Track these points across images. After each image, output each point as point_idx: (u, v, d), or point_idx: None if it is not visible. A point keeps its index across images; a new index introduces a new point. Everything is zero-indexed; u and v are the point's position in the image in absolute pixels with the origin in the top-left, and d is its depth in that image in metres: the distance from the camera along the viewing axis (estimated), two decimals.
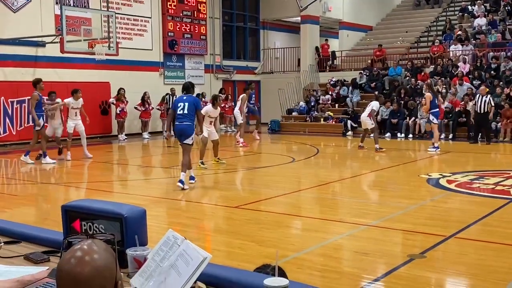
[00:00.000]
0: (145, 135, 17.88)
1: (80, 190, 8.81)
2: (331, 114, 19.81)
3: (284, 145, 16.08)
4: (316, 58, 23.45)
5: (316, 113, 20.23)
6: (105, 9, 16.35)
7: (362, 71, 21.06)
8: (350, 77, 21.21)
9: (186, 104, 8.29)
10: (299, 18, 23.23)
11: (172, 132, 10.29)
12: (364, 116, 13.22)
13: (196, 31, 20.81)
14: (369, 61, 22.22)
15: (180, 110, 8.29)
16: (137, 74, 18.53)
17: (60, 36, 13.83)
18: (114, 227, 2.12)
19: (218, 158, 11.28)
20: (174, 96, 18.49)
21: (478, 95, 15.29)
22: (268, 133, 20.17)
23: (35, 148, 11.77)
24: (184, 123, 8.28)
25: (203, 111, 10.45)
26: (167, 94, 18.65)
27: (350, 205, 7.49)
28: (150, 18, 19.17)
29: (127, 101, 17.40)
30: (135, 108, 17.90)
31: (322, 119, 19.70)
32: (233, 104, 21.23)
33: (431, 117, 12.95)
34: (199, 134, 9.14)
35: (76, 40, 14.58)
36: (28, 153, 11.36)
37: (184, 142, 8.36)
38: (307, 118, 20.04)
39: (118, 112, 17.37)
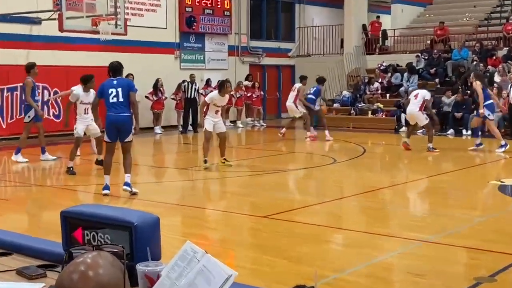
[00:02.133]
0: (157, 129, 18.06)
1: (83, 194, 8.95)
2: (381, 106, 19.64)
3: (323, 143, 16.00)
4: (363, 38, 23.28)
5: (363, 104, 20.09)
6: None
7: (419, 54, 20.82)
8: (404, 61, 20.98)
9: (120, 89, 7.87)
10: None
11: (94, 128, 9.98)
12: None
13: (219, 6, 20.91)
14: (428, 42, 21.95)
15: (113, 98, 7.80)
16: (149, 57, 18.71)
17: (58, 12, 13.98)
18: (122, 238, 2.14)
19: (225, 159, 10.95)
20: (194, 84, 18.63)
21: None
22: (304, 129, 20.10)
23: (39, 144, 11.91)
24: (123, 114, 7.83)
25: (207, 99, 10.52)
26: (183, 81, 18.78)
27: (403, 216, 7.42)
28: None
29: (136, 90, 17.54)
30: (146, 97, 18.05)
31: (369, 112, 19.55)
32: (261, 93, 21.28)
33: (486, 112, 12.77)
34: (137, 132, 8.33)
35: (77, 17, 14.73)
36: (19, 150, 11.53)
37: (125, 141, 7.97)
38: (352, 111, 19.93)
39: None
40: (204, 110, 10.73)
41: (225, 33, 21.45)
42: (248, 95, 20.62)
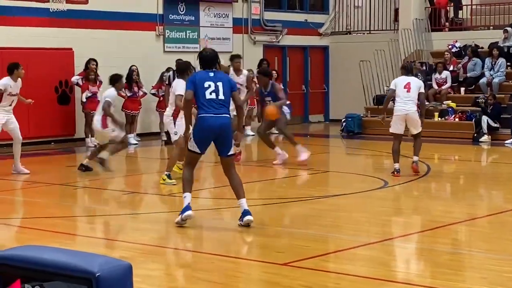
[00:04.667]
0: (132, 138, 18.13)
1: (20, 231, 8.97)
2: (453, 105, 19.58)
3: (369, 158, 16.00)
4: (427, 8, 23.26)
5: (427, 103, 20.06)
6: None
7: (508, 29, 20.76)
8: (486, 40, 20.95)
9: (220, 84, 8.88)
10: None
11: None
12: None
13: None
14: None
15: (211, 94, 8.83)
16: (120, 35, 18.82)
17: None
18: None
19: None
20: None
21: None
22: (342, 137, 20.12)
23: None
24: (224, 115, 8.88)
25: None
26: (168, 70, 18.85)
27: (486, 264, 7.37)
28: None
29: (101, 81, 17.65)
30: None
31: (436, 114, 19.50)
32: (281, 86, 21.28)
33: None
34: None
35: None
36: None
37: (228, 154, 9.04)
38: None
39: (86, 99, 17.65)
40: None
41: (229, 1, 21.54)
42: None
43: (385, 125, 13.42)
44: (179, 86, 11.30)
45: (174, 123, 11.90)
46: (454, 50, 21.26)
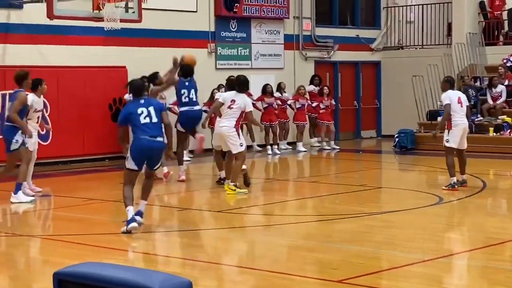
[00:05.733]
0: (184, 155, 18.22)
1: (77, 247, 9.09)
2: (508, 119, 19.36)
3: (423, 174, 15.86)
4: (480, 22, 23.06)
5: (481, 118, 19.83)
6: None
7: None
8: None
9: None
10: None
11: None
12: None
13: None
14: None
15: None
16: (172, 53, 18.93)
17: None
18: None
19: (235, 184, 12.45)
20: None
21: None
22: (394, 153, 19.99)
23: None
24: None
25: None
26: (220, 87, 18.96)
27: None
28: None
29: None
30: (169, 109, 18.28)
31: (491, 129, 19.30)
32: (333, 102, 21.27)
33: None
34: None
35: None
36: (20, 187, 12.00)
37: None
38: None
39: None
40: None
41: (281, 18, 21.60)
42: (314, 105, 20.63)
43: (437, 140, 13.40)
44: (249, 102, 12.75)
45: (238, 135, 12.51)
46: (508, 64, 21.02)
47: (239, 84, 12.85)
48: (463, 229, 10.23)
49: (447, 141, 12.79)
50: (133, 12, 15.44)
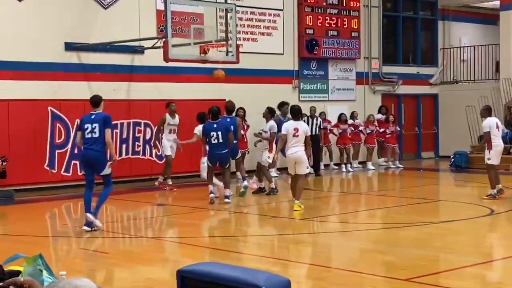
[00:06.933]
0: (273, 172, 18.23)
1: (187, 248, 9.22)
2: None
3: (475, 189, 15.51)
4: None
5: None
6: (222, 0, 17.17)
7: None
8: None
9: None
10: (498, 2, 22.49)
11: None
12: None
13: (345, 26, 21.09)
14: None
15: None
16: (263, 88, 19.11)
17: (163, 39, 14.59)
18: None
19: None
20: (315, 119, 18.72)
21: None
22: (450, 171, 19.63)
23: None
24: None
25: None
26: (304, 116, 18.97)
27: None
28: (282, 10, 19.81)
29: (248, 126, 17.82)
30: (258, 134, 18.28)
31: None
32: (397, 128, 21.03)
33: None
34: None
35: (184, 44, 15.35)
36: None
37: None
38: (511, 150, 19.21)
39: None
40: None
41: (353, 58, 21.53)
42: (381, 131, 20.46)
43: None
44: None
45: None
46: None
47: (296, 113, 12.34)
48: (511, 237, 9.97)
49: (489, 159, 13.12)
50: (232, 55, 15.61)
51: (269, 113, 14.86)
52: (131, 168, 16.40)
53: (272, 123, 14.46)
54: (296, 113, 12.33)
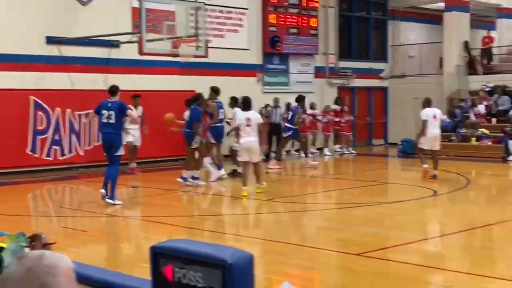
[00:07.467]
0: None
1: (164, 227, 9.21)
2: (487, 132, 19.08)
3: (420, 173, 15.69)
4: (465, 56, 22.79)
5: (465, 130, 19.58)
6: None
7: None
8: None
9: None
10: (442, 4, 22.75)
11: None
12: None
13: (305, 25, 21.11)
14: None
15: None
16: (229, 80, 19.01)
17: (138, 35, 14.45)
18: (214, 277, 2.20)
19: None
20: (278, 109, 18.75)
21: None
22: (398, 157, 19.86)
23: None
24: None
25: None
26: (266, 106, 19.00)
27: None
28: (247, 9, 19.75)
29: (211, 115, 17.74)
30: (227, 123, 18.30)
31: (473, 139, 19.03)
32: (351, 118, 21.17)
33: None
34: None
35: (157, 39, 15.21)
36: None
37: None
38: (453, 137, 19.48)
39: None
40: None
41: (312, 54, 21.58)
42: (337, 120, 20.55)
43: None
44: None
45: None
46: (487, 89, 20.73)
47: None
48: (452, 215, 10.12)
49: (420, 143, 13.71)
50: (202, 50, 15.52)
51: (233, 102, 14.89)
52: None
53: (235, 109, 14.39)
54: (247, 104, 12.02)
